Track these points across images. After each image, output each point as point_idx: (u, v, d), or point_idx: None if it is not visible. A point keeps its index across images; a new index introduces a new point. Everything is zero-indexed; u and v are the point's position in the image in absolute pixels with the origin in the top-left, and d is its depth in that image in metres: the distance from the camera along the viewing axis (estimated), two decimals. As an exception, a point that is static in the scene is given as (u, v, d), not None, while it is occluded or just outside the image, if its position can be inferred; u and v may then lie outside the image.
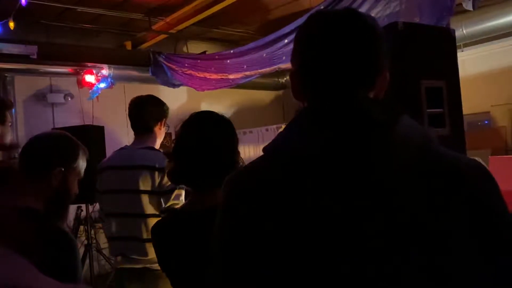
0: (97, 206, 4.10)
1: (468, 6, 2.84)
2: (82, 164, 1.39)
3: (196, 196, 1.26)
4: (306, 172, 0.66)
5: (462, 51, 4.67)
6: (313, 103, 0.74)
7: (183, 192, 2.00)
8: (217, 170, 1.18)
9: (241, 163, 1.26)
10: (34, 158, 1.31)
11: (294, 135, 0.71)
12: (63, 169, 1.30)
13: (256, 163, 0.75)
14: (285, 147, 0.71)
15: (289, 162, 0.68)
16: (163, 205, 1.95)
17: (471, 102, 2.59)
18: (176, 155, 1.26)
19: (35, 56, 4.38)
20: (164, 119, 2.14)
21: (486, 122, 5.43)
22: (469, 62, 4.74)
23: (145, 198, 1.95)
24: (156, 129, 2.12)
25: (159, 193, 1.95)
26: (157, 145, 2.14)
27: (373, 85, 0.74)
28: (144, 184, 1.95)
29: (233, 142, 1.26)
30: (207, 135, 1.23)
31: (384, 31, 0.73)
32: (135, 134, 2.14)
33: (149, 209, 1.96)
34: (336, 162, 0.65)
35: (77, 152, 1.38)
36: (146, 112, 2.09)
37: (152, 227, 1.30)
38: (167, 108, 2.17)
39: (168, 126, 2.18)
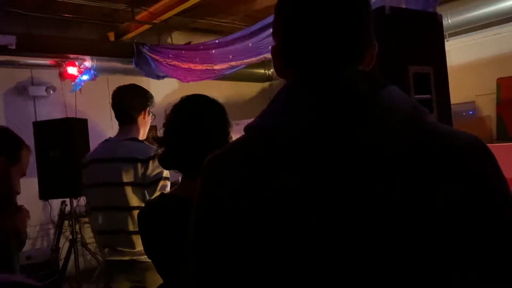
0: (81, 200, 4.06)
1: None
2: (25, 159, 1.33)
3: (186, 181, 1.23)
4: (290, 152, 0.61)
5: (448, 40, 4.67)
6: (298, 79, 0.67)
7: (169, 184, 1.97)
8: (208, 153, 1.16)
9: None
10: None
11: (278, 113, 0.65)
12: (3, 160, 1.24)
13: (238, 144, 0.69)
14: (268, 127, 0.64)
15: (272, 142, 0.62)
16: (148, 197, 1.91)
17: (456, 92, 2.60)
18: (166, 138, 1.23)
19: (13, 47, 4.24)
20: (148, 108, 2.09)
21: (471, 112, 5.47)
22: (454, 51, 4.76)
23: (129, 191, 1.91)
24: (140, 118, 2.07)
25: (143, 185, 1.91)
26: (143, 135, 2.10)
27: (362, 59, 0.68)
28: (127, 177, 1.91)
29: (225, 124, 1.24)
30: (198, 115, 1.20)
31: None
32: (119, 125, 2.09)
33: (134, 201, 1.92)
34: (321, 141, 0.60)
35: (20, 145, 1.31)
36: (127, 102, 2.05)
37: (139, 212, 1.27)
38: (151, 96, 2.12)
39: (154, 116, 2.13)
